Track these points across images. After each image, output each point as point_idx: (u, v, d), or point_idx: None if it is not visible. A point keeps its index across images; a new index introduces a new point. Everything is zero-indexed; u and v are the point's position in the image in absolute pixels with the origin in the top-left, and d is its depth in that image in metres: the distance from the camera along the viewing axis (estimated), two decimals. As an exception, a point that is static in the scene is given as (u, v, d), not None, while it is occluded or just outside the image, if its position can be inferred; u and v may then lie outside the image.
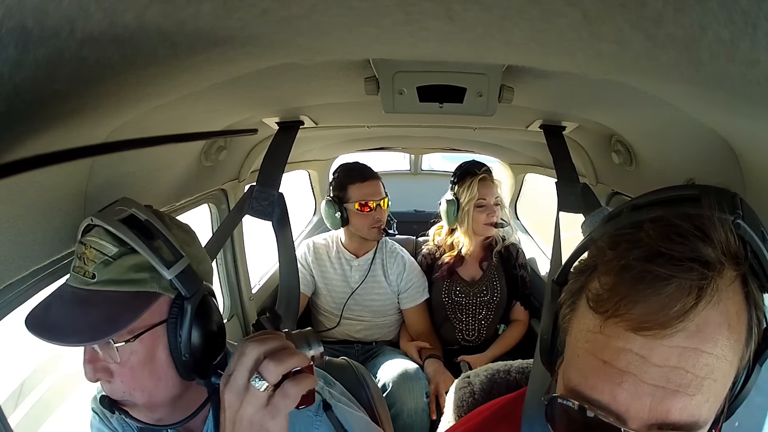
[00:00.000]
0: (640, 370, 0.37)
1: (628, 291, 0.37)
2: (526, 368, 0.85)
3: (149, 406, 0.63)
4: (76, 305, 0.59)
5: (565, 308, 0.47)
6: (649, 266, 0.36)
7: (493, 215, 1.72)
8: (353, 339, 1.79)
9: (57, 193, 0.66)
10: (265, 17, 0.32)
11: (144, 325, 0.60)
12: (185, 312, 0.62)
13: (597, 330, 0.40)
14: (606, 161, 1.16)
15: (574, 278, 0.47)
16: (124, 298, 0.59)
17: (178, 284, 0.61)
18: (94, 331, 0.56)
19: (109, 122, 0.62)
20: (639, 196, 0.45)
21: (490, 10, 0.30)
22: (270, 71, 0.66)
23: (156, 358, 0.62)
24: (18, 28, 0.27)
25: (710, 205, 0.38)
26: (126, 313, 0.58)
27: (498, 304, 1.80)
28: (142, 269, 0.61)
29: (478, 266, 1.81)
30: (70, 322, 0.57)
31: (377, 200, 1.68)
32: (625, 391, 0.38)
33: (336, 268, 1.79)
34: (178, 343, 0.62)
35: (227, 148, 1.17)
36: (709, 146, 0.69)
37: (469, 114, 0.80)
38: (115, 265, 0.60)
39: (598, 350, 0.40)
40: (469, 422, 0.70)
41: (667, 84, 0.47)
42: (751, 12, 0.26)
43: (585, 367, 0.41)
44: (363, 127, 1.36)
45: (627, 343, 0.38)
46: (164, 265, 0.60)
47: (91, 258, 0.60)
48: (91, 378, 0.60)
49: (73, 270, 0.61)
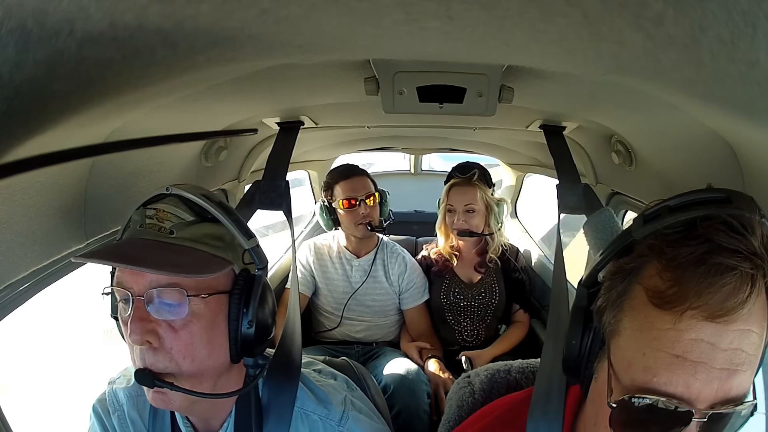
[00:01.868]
0: (710, 357, 0.40)
1: (700, 283, 0.39)
2: (526, 368, 0.85)
3: (194, 378, 0.61)
4: (157, 248, 0.59)
5: (610, 311, 0.48)
6: (717, 258, 0.39)
7: (459, 223, 1.70)
8: (354, 339, 1.79)
9: (57, 193, 0.66)
10: (264, 17, 0.32)
11: (213, 287, 0.61)
12: (253, 285, 0.64)
13: (668, 326, 0.41)
14: (606, 161, 1.16)
15: (612, 279, 0.48)
16: (206, 255, 0.61)
17: (254, 256, 0.64)
18: (184, 267, 0.57)
19: (109, 122, 0.62)
20: (670, 199, 0.46)
21: (490, 10, 0.30)
22: (270, 71, 0.66)
23: (215, 325, 0.62)
24: (18, 28, 0.27)
25: (743, 206, 0.42)
26: (212, 265, 0.60)
27: (497, 307, 1.79)
28: (218, 239, 0.63)
29: (474, 270, 1.81)
30: (153, 257, 0.57)
31: (361, 195, 1.67)
32: (699, 380, 0.41)
33: (337, 268, 1.79)
34: (240, 316, 0.63)
35: (227, 148, 1.17)
36: (709, 146, 0.69)
37: (469, 114, 0.80)
38: (194, 227, 0.62)
39: (669, 346, 0.41)
40: (473, 426, 0.70)
41: (667, 84, 0.47)
42: (751, 12, 0.26)
43: (655, 364, 0.42)
44: (363, 127, 1.36)
45: (699, 333, 0.40)
46: (245, 235, 0.63)
47: (166, 218, 0.61)
48: (138, 339, 0.58)
49: (142, 226, 0.61)
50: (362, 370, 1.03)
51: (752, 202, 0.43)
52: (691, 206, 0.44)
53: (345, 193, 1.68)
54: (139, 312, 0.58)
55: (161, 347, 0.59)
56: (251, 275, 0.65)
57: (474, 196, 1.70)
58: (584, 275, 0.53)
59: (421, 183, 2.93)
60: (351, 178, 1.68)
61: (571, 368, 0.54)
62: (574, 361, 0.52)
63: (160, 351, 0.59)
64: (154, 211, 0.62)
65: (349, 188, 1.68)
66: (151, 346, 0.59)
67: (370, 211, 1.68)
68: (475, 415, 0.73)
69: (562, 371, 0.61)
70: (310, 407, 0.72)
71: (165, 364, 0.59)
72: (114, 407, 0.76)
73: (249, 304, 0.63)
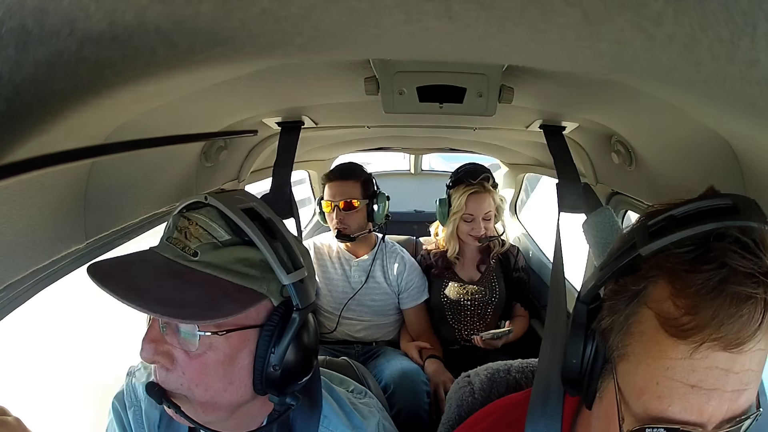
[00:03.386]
0: (723, 383, 0.40)
1: (716, 313, 0.39)
2: (525, 368, 0.85)
3: (206, 406, 0.56)
4: (168, 275, 0.52)
5: (616, 334, 0.46)
6: (734, 287, 0.38)
7: (478, 230, 1.71)
8: (353, 339, 1.79)
9: (57, 193, 0.66)
10: (264, 17, 0.32)
11: (238, 323, 0.54)
12: (291, 322, 0.56)
13: (682, 356, 0.41)
14: (606, 161, 1.16)
15: (617, 300, 0.46)
16: (228, 288, 0.53)
17: (293, 293, 0.56)
18: (189, 309, 0.50)
19: (109, 122, 0.62)
20: (673, 206, 0.45)
21: (490, 10, 0.30)
22: (270, 71, 0.66)
23: (236, 361, 0.56)
24: (18, 28, 0.27)
25: (750, 215, 0.41)
26: (228, 304, 0.52)
27: (497, 305, 1.80)
28: (253, 266, 0.55)
29: (476, 268, 1.81)
30: (158, 290, 0.50)
31: (335, 201, 1.66)
32: (712, 405, 0.41)
33: (337, 268, 1.79)
34: (270, 353, 0.56)
35: (227, 148, 1.17)
36: (708, 146, 0.69)
37: (469, 114, 0.80)
38: (224, 251, 0.54)
39: (684, 376, 0.41)
40: (473, 428, 0.70)
41: (667, 84, 0.47)
42: (751, 12, 0.26)
43: (669, 394, 0.42)
44: (363, 127, 1.36)
45: (714, 361, 0.40)
46: (284, 269, 0.54)
47: (195, 235, 0.54)
48: (148, 358, 0.54)
49: (168, 240, 0.56)
50: (363, 370, 1.03)
51: (757, 207, 0.42)
52: (697, 217, 0.42)
53: (326, 196, 1.69)
54: (152, 333, 0.55)
55: (174, 369, 0.55)
56: (290, 311, 0.57)
57: (490, 202, 1.71)
58: (583, 290, 0.51)
59: (421, 183, 2.93)
60: (336, 181, 1.68)
61: (572, 384, 0.52)
62: (576, 378, 0.51)
63: (173, 372, 0.55)
64: (187, 222, 0.55)
65: (330, 192, 1.68)
66: (162, 365, 0.55)
67: (344, 217, 1.67)
68: (475, 416, 0.73)
69: (559, 373, 0.60)
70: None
71: (176, 385, 0.55)
72: (131, 402, 0.74)
73: (280, 344, 0.56)
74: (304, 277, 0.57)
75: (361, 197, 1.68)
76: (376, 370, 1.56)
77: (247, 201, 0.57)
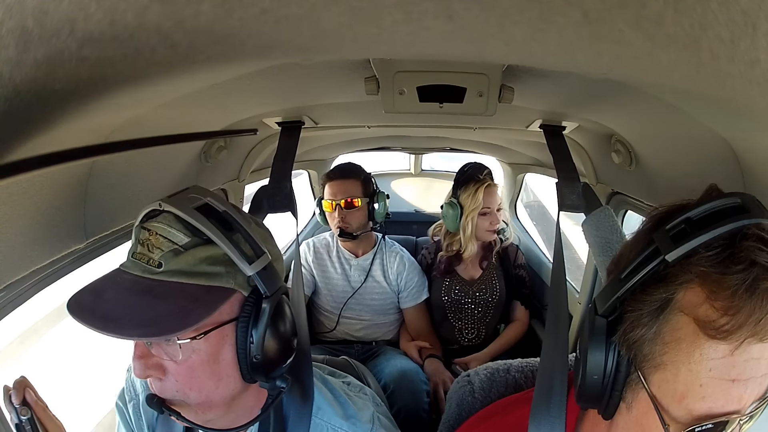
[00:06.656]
0: (757, 371, 0.42)
1: (754, 311, 0.40)
2: (525, 367, 0.85)
3: (203, 407, 0.59)
4: (138, 295, 0.53)
5: (649, 345, 0.45)
6: (766, 284, 0.40)
7: (496, 222, 1.73)
8: (353, 338, 1.79)
9: (57, 193, 0.66)
10: (264, 17, 0.32)
11: (213, 322, 0.55)
12: (262, 311, 0.58)
13: (723, 354, 0.42)
14: (606, 161, 1.16)
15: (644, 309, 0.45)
16: (196, 292, 0.54)
17: (259, 282, 0.57)
18: (161, 325, 0.51)
19: (109, 122, 0.62)
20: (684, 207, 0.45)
21: (490, 10, 0.30)
22: (270, 71, 0.66)
23: (220, 357, 0.57)
24: (18, 28, 0.27)
25: (759, 213, 0.42)
26: (198, 308, 0.53)
27: (497, 303, 1.80)
28: (217, 262, 0.56)
29: (478, 266, 1.81)
30: (131, 313, 0.52)
31: (337, 200, 1.66)
32: (748, 393, 0.42)
33: (336, 267, 1.79)
34: (249, 343, 0.58)
35: (227, 148, 1.17)
36: (709, 146, 0.69)
37: (469, 114, 0.80)
38: (187, 255, 0.54)
39: (726, 373, 0.42)
40: (474, 428, 0.70)
41: (667, 84, 0.47)
42: (751, 12, 0.26)
43: (713, 393, 0.43)
44: (363, 127, 1.36)
45: (750, 354, 0.41)
46: (245, 260, 0.55)
47: (157, 245, 0.55)
48: (141, 375, 0.56)
49: (133, 256, 0.56)
50: (363, 369, 1.03)
51: (760, 203, 0.43)
52: (715, 217, 0.43)
53: (327, 195, 1.69)
54: (139, 349, 0.56)
55: (167, 378, 0.57)
56: (260, 300, 0.58)
57: (498, 195, 1.76)
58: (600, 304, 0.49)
59: (422, 183, 2.93)
60: (336, 180, 1.68)
61: (592, 401, 0.51)
62: (597, 393, 0.50)
63: (167, 381, 0.57)
64: (147, 233, 0.56)
65: (331, 191, 1.68)
66: (155, 377, 0.57)
67: (345, 216, 1.67)
68: (476, 416, 0.73)
69: (562, 372, 0.60)
70: (337, 423, 0.70)
71: (172, 392, 0.57)
72: (130, 396, 0.76)
73: (266, 329, 0.58)
74: (267, 263, 0.58)
75: (362, 196, 1.68)
76: (375, 370, 1.56)
77: (201, 198, 0.58)
